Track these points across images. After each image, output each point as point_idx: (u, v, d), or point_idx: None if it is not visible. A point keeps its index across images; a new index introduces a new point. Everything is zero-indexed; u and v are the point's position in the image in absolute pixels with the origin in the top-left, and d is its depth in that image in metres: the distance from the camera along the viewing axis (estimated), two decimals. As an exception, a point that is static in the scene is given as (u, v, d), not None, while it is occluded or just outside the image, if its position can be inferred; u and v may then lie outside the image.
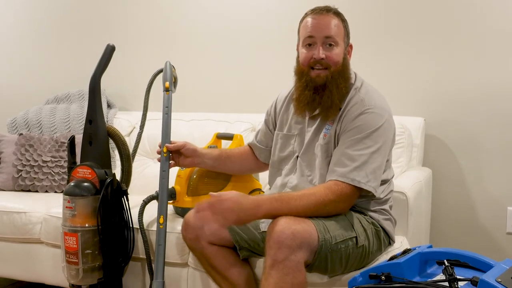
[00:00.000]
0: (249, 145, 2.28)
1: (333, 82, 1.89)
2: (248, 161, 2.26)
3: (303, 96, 1.94)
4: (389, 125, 1.88)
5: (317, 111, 1.94)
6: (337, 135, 1.90)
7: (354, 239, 1.82)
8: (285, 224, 1.66)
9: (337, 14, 1.94)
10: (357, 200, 1.90)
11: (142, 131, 2.48)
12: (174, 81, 2.36)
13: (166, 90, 2.25)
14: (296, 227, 1.66)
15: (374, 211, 1.94)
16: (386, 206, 1.98)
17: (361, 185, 1.79)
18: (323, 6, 1.94)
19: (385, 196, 1.97)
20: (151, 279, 2.28)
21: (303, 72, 1.93)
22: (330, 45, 1.89)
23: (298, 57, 1.98)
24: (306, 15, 1.96)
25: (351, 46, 1.99)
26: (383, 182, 1.94)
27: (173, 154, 2.15)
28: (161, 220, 2.07)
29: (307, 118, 1.99)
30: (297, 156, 2.01)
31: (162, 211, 2.10)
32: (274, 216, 1.72)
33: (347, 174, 1.79)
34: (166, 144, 2.14)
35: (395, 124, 2.60)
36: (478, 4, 2.72)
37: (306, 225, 1.70)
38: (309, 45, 1.91)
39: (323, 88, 1.90)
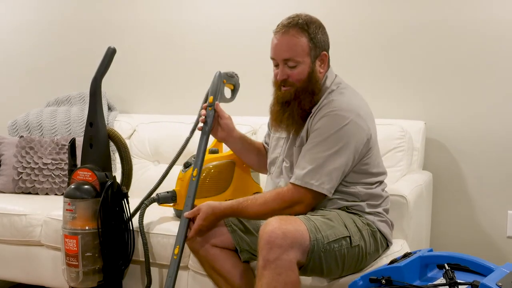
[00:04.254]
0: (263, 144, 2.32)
1: (296, 98, 1.92)
2: (263, 154, 2.28)
3: (273, 112, 2.01)
4: (355, 126, 1.86)
5: (284, 129, 1.99)
6: (308, 136, 1.93)
7: (348, 239, 1.82)
8: (276, 225, 1.68)
9: (301, 28, 1.90)
10: (351, 203, 1.92)
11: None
12: (234, 89, 2.30)
13: (210, 105, 2.11)
14: (287, 227, 1.68)
15: (369, 213, 1.94)
16: (381, 209, 1.98)
17: (313, 187, 1.83)
18: (288, 20, 1.92)
19: (380, 201, 1.98)
20: (148, 283, 2.28)
21: (276, 86, 1.98)
22: (292, 66, 1.90)
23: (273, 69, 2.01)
24: (273, 32, 1.96)
25: (324, 55, 1.96)
26: (371, 183, 1.95)
27: (214, 120, 2.13)
28: (176, 251, 1.95)
29: None
30: (283, 160, 2.04)
31: (178, 241, 1.96)
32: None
33: (302, 177, 1.84)
34: (216, 102, 2.13)
35: (397, 128, 2.62)
36: (478, 13, 2.72)
37: (297, 225, 1.72)
38: (275, 64, 1.96)
39: (288, 104, 1.94)
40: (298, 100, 1.91)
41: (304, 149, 1.90)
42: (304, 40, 1.90)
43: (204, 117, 2.10)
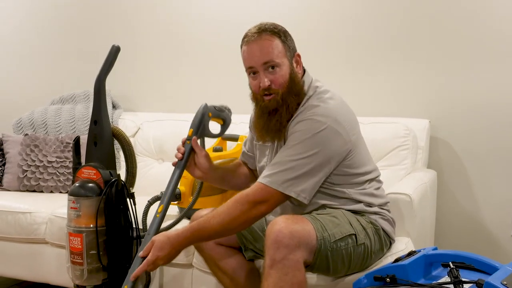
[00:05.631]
0: (242, 160, 2.25)
1: (284, 104, 1.87)
2: (246, 174, 2.21)
3: (257, 123, 1.95)
4: (332, 131, 1.82)
5: (271, 138, 1.94)
6: (285, 142, 1.90)
7: (354, 237, 1.82)
8: (283, 224, 1.67)
9: (271, 32, 1.86)
10: (349, 207, 1.90)
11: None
12: (224, 124, 2.12)
13: (188, 138, 1.97)
14: (294, 227, 1.67)
15: (370, 213, 1.94)
16: (381, 208, 1.97)
17: (280, 188, 1.78)
18: (256, 28, 1.89)
19: (377, 200, 1.96)
20: (147, 282, 2.29)
21: (257, 98, 1.93)
22: (273, 67, 1.86)
23: (249, 85, 1.96)
24: (242, 43, 1.92)
25: (298, 55, 1.94)
26: (361, 183, 1.93)
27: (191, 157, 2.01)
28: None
29: None
30: None
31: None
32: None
33: (270, 177, 1.79)
34: (194, 137, 1.98)
35: (402, 126, 2.62)
36: (482, 9, 2.71)
37: (304, 224, 1.71)
38: (253, 73, 1.90)
39: (275, 112, 1.89)
40: (286, 105, 1.87)
41: (280, 150, 1.87)
42: (277, 42, 1.86)
43: (180, 153, 1.98)
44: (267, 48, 1.85)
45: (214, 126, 2.07)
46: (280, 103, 1.87)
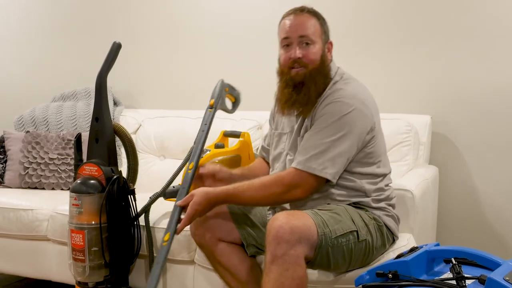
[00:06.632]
0: (260, 156, 2.28)
1: (311, 79, 1.92)
2: (267, 170, 2.23)
3: (282, 94, 1.98)
4: (360, 113, 1.87)
5: (296, 110, 1.97)
6: (312, 126, 1.93)
7: (355, 233, 1.82)
8: (283, 220, 1.68)
9: (313, 13, 1.96)
10: (357, 199, 1.91)
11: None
12: (235, 101, 2.31)
13: (210, 107, 2.16)
14: (294, 222, 1.68)
15: (375, 208, 1.95)
16: (387, 204, 1.98)
17: (316, 172, 1.82)
18: (299, 6, 1.97)
19: (385, 196, 1.97)
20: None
21: (283, 72, 1.97)
22: (307, 44, 1.92)
23: (279, 58, 2.01)
24: (282, 17, 1.99)
25: (330, 43, 2.01)
26: (375, 176, 1.95)
27: (204, 178, 2.08)
28: (166, 237, 1.87)
29: (295, 116, 2.01)
30: (287, 154, 2.03)
31: (169, 228, 1.89)
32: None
33: (304, 162, 1.84)
34: (200, 170, 2.06)
35: (403, 122, 2.62)
36: (484, 3, 2.71)
37: (305, 220, 1.72)
38: (287, 45, 1.95)
39: (301, 85, 1.93)
40: (314, 81, 1.91)
41: (307, 134, 1.90)
42: (316, 22, 1.95)
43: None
44: (305, 23, 1.93)
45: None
46: (308, 77, 1.92)
